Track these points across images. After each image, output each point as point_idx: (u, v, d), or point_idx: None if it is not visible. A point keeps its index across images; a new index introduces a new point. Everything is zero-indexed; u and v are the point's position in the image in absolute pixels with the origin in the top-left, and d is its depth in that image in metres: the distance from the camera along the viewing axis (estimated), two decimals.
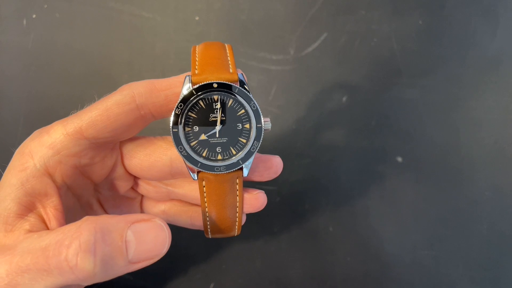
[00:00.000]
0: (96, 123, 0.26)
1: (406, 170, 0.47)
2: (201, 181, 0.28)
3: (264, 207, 0.31)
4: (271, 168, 0.30)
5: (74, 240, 0.22)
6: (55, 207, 0.26)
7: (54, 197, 0.26)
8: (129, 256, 0.23)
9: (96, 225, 0.22)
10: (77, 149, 0.27)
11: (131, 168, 0.30)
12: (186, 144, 0.27)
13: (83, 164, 0.28)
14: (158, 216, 0.25)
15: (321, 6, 0.48)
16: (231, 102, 0.27)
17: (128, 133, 0.29)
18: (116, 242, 0.22)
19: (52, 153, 0.26)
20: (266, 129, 0.28)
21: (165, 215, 0.33)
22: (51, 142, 0.26)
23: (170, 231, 0.24)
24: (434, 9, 0.48)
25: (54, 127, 0.27)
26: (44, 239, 0.23)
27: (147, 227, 0.23)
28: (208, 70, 0.27)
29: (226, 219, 0.30)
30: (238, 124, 0.28)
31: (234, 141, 0.28)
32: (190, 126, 0.27)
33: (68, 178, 0.27)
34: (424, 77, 0.48)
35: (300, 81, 0.48)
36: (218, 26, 0.48)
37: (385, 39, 0.48)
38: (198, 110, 0.27)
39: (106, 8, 0.47)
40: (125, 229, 0.23)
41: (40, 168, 0.26)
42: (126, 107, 0.27)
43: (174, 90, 0.27)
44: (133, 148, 0.30)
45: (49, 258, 0.22)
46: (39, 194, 0.26)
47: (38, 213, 0.26)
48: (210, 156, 0.28)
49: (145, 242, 0.23)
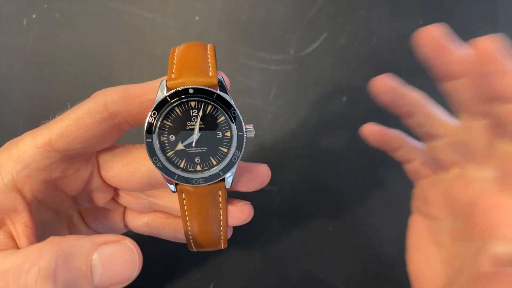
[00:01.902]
0: (66, 134, 0.25)
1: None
2: (181, 193, 0.26)
3: (251, 218, 0.29)
4: (256, 178, 0.28)
5: (34, 265, 0.20)
6: (24, 223, 0.25)
7: (23, 213, 0.25)
8: (94, 282, 0.21)
9: (59, 248, 0.21)
10: (47, 162, 0.25)
11: (109, 179, 0.28)
12: (162, 155, 0.25)
13: (55, 177, 0.26)
14: (128, 238, 0.23)
15: (321, 6, 0.48)
16: (210, 108, 0.25)
17: (103, 143, 0.27)
18: (80, 266, 0.21)
19: (20, 167, 0.25)
20: (249, 137, 0.26)
21: (148, 227, 0.31)
22: (19, 155, 0.25)
23: (141, 254, 0.23)
24: (434, 9, 0.48)
25: (23, 139, 0.25)
26: (7, 261, 0.21)
27: (116, 250, 0.22)
28: (185, 73, 0.25)
29: (209, 233, 0.28)
30: (218, 132, 0.26)
31: (214, 150, 0.26)
32: (166, 135, 0.25)
33: (39, 193, 0.26)
34: (424, 77, 0.48)
35: (300, 81, 0.48)
36: (218, 26, 0.48)
37: (385, 39, 0.48)
38: (174, 117, 0.25)
39: (106, 8, 0.47)
40: (91, 252, 0.21)
41: (8, 183, 0.24)
42: (99, 116, 0.25)
43: (149, 96, 0.26)
44: (110, 159, 0.28)
45: (9, 282, 0.21)
46: (8, 210, 0.25)
47: (7, 229, 0.25)
48: (188, 167, 0.26)
49: (113, 266, 0.22)
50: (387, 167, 0.47)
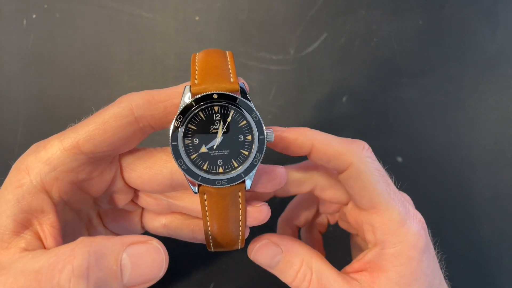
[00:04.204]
0: (93, 137, 0.26)
1: (406, 170, 0.47)
2: (202, 194, 0.27)
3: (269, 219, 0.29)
4: (275, 179, 0.29)
5: (67, 264, 0.21)
6: (51, 224, 0.26)
7: (50, 214, 0.26)
8: (123, 280, 0.22)
9: (91, 248, 0.21)
10: (75, 165, 0.26)
11: (131, 181, 0.29)
12: (186, 158, 0.26)
13: (81, 179, 0.27)
14: (155, 238, 0.23)
15: (321, 6, 0.48)
16: (232, 113, 0.26)
17: (127, 146, 0.28)
18: (111, 266, 0.22)
19: (49, 169, 0.25)
20: (269, 140, 0.27)
21: (166, 229, 0.32)
22: (48, 158, 0.25)
23: (167, 254, 0.23)
24: (434, 9, 0.48)
25: (51, 142, 0.26)
26: (38, 261, 0.22)
27: (144, 250, 0.23)
28: (208, 79, 0.26)
29: (229, 233, 0.28)
30: (240, 136, 0.27)
31: (235, 153, 0.27)
32: (190, 138, 0.26)
33: (66, 194, 0.27)
34: (424, 77, 0.48)
35: (300, 81, 0.48)
36: (218, 26, 0.48)
37: (385, 39, 0.48)
38: (198, 121, 0.26)
39: (106, 8, 0.47)
40: (120, 252, 0.22)
41: (37, 184, 0.25)
42: (124, 120, 0.26)
43: (173, 101, 0.26)
44: (132, 161, 0.29)
45: (41, 282, 0.21)
46: (35, 211, 0.25)
47: (34, 230, 0.25)
48: (211, 169, 0.26)
49: (141, 266, 0.22)
50: (387, 167, 0.47)
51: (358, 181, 0.29)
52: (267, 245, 0.31)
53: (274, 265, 0.31)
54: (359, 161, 0.29)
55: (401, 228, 0.28)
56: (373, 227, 0.30)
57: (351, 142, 0.29)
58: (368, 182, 0.29)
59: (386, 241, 0.29)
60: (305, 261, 0.30)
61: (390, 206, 0.29)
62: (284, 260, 0.30)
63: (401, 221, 0.28)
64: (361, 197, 0.29)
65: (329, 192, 0.33)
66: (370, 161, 0.29)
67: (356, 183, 0.29)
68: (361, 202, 0.30)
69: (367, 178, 0.29)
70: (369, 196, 0.29)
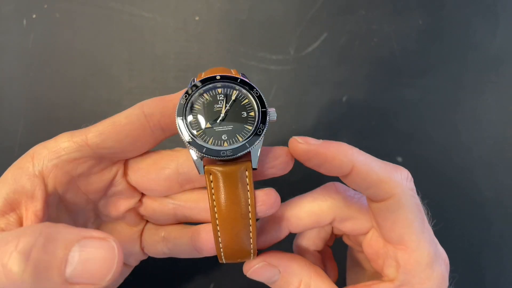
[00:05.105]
0: (102, 132, 0.26)
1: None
2: (208, 175, 0.27)
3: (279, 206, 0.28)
4: (280, 156, 0.28)
5: (14, 239, 0.20)
6: (35, 212, 0.25)
7: (38, 202, 0.25)
8: (66, 273, 0.20)
9: (44, 229, 0.20)
10: (78, 155, 0.26)
11: (137, 180, 0.29)
12: (191, 131, 0.27)
13: (80, 172, 0.27)
14: (113, 237, 0.22)
15: (321, 6, 0.48)
16: (235, 93, 0.28)
17: (135, 148, 0.28)
18: (58, 253, 0.20)
19: (52, 156, 0.26)
20: (272, 119, 0.28)
21: (165, 241, 0.31)
22: (54, 146, 0.26)
23: (122, 257, 0.22)
24: (434, 9, 0.48)
25: (61, 135, 0.27)
26: None
27: (97, 246, 0.21)
28: (212, 73, 0.28)
29: (237, 219, 0.27)
30: (243, 112, 0.28)
31: (240, 128, 0.27)
32: (195, 116, 0.27)
33: (61, 185, 0.27)
34: (424, 77, 0.48)
35: (300, 81, 0.48)
36: (218, 26, 0.48)
37: (385, 39, 0.48)
38: (203, 101, 0.28)
39: (106, 8, 0.47)
40: (73, 242, 0.21)
41: (36, 169, 0.26)
42: (134, 118, 0.27)
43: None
44: (138, 160, 0.29)
45: None
46: (26, 194, 0.25)
47: (19, 214, 0.26)
48: (216, 144, 0.27)
49: (89, 262, 0.21)
50: None
51: (395, 215, 0.27)
52: (263, 268, 0.30)
53: (271, 283, 0.30)
54: (402, 194, 0.26)
55: (427, 270, 0.27)
56: (397, 263, 0.28)
57: (395, 169, 0.27)
58: (405, 218, 0.27)
59: (408, 281, 0.27)
60: (304, 282, 0.29)
61: (421, 246, 0.27)
62: (282, 280, 0.29)
63: (428, 264, 0.27)
64: (392, 231, 0.27)
65: (349, 224, 0.31)
66: (412, 194, 0.27)
67: (391, 216, 0.27)
68: (390, 235, 0.28)
69: (405, 213, 0.27)
70: (401, 232, 0.27)
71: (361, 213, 0.30)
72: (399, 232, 0.27)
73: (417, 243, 0.27)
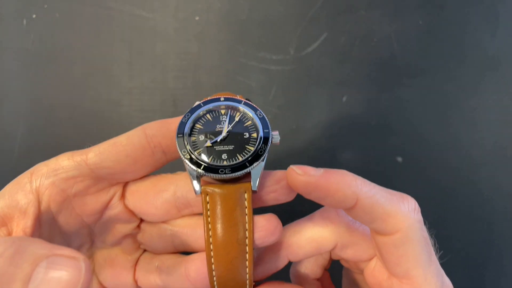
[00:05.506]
0: (102, 152, 0.26)
1: (406, 170, 0.47)
2: (205, 195, 0.26)
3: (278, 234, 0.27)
4: (281, 180, 0.27)
5: None
6: (24, 229, 0.25)
7: (29, 218, 0.25)
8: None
9: (17, 242, 0.20)
10: (75, 173, 0.26)
11: (134, 203, 0.29)
12: (191, 149, 0.26)
13: (75, 191, 0.27)
14: (84, 257, 0.21)
15: (321, 6, 0.48)
16: (238, 115, 0.28)
17: (134, 169, 0.28)
18: (24, 267, 0.19)
19: (50, 174, 0.26)
20: (275, 142, 0.27)
21: (159, 271, 0.30)
22: (54, 164, 0.26)
23: (90, 279, 0.21)
24: (434, 9, 0.48)
25: (63, 154, 0.27)
26: None
27: (65, 264, 0.20)
28: (216, 96, 0.28)
29: (233, 243, 0.26)
30: (245, 133, 0.27)
31: (241, 148, 0.27)
32: (196, 135, 0.27)
33: (55, 204, 0.26)
34: (424, 77, 0.48)
35: (300, 81, 0.48)
36: (218, 26, 0.48)
37: (385, 39, 0.48)
38: (205, 121, 0.27)
39: (106, 8, 0.47)
40: (42, 257, 0.20)
41: (33, 185, 0.26)
42: (136, 139, 0.27)
43: None
44: (137, 182, 0.29)
45: None
46: (20, 210, 0.25)
47: (9, 230, 0.25)
48: (215, 162, 0.26)
49: (52, 282, 0.20)
50: (387, 167, 0.47)
51: (401, 249, 0.25)
52: None
53: None
54: (409, 228, 0.25)
55: None
56: None
57: (401, 200, 0.26)
58: (411, 253, 0.25)
59: None
60: None
61: (427, 280, 0.25)
62: None
63: None
64: (397, 265, 0.26)
65: (351, 251, 0.29)
66: (419, 227, 0.26)
67: (397, 251, 0.25)
68: (395, 269, 0.26)
69: (412, 248, 0.25)
70: (407, 266, 0.25)
71: (364, 239, 0.28)
72: (405, 267, 0.26)
73: (423, 278, 0.25)
